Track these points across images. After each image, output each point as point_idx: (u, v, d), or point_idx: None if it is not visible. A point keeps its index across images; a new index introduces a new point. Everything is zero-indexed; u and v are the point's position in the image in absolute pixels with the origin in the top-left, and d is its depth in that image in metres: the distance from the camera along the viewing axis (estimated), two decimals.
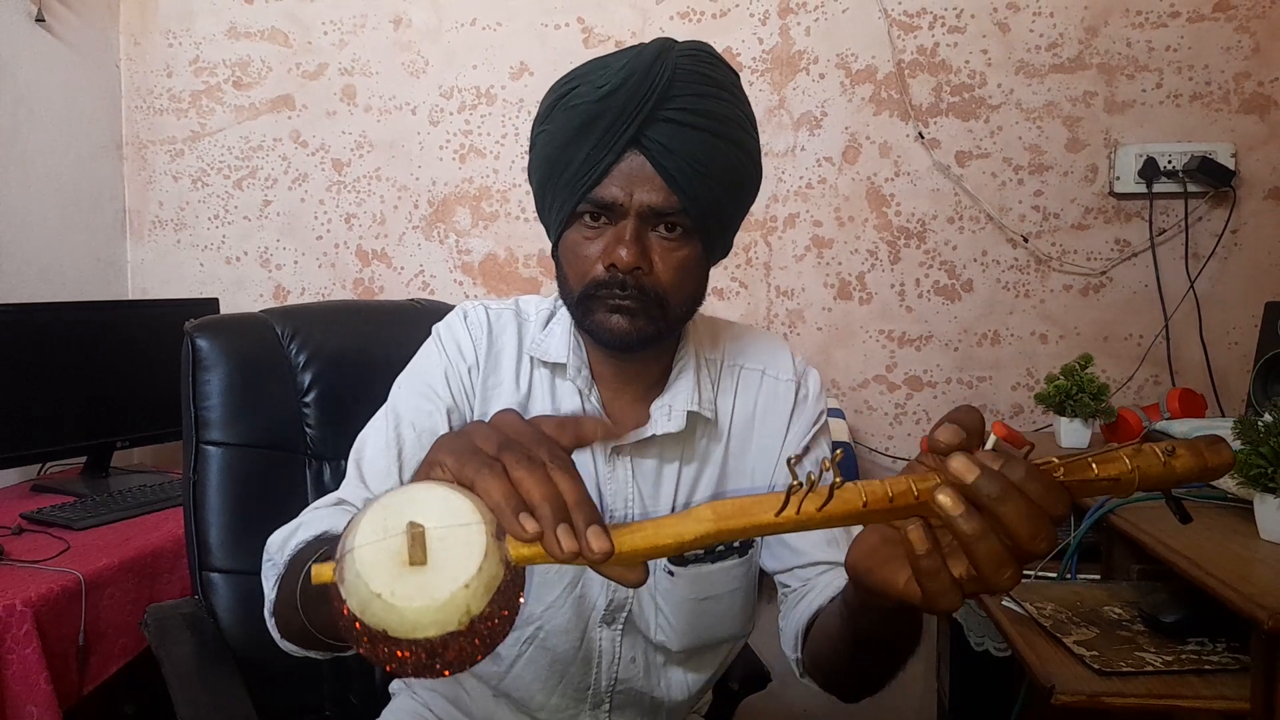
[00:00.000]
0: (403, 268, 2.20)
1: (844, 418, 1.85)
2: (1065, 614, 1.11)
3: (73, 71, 2.09)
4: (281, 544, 0.80)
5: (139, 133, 2.24)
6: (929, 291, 2.06)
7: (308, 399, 1.26)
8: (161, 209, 2.25)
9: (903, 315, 2.07)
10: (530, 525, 0.43)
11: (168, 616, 1.17)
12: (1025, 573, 1.28)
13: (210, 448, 1.21)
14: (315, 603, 0.63)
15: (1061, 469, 0.50)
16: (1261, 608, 0.86)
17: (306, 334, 1.29)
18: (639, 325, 0.82)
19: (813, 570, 0.90)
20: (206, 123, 2.22)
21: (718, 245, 0.88)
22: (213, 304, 2.10)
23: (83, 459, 1.89)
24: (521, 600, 0.44)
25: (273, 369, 1.25)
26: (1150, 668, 0.97)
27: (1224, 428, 1.30)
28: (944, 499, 0.47)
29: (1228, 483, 1.14)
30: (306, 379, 1.27)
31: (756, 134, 0.89)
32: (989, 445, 0.50)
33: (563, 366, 0.90)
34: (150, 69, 2.23)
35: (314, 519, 0.82)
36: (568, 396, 0.91)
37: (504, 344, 0.92)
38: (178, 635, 1.14)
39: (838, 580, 0.85)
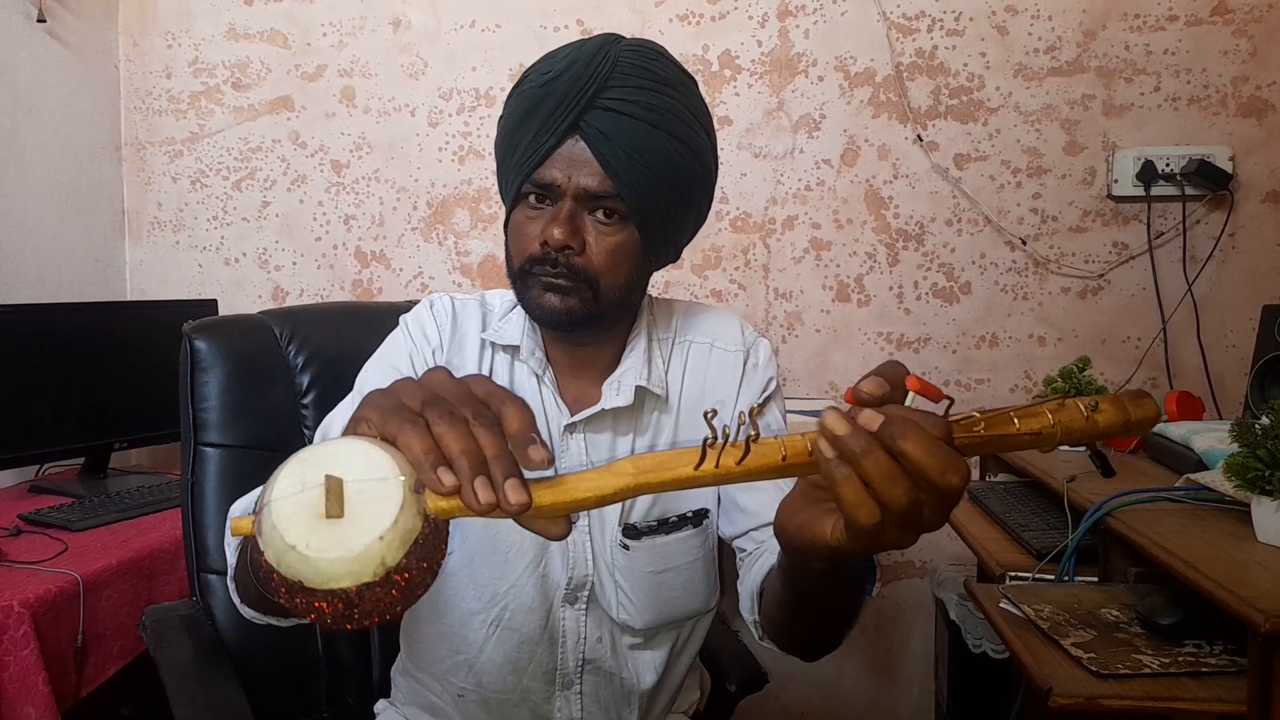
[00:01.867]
0: (401, 269, 2.20)
1: None
2: (1062, 616, 1.11)
3: (72, 72, 2.09)
4: (243, 511, 0.82)
5: (138, 134, 2.24)
6: (927, 294, 2.06)
7: (306, 400, 1.26)
8: (160, 210, 2.25)
9: (901, 317, 2.07)
10: (448, 478, 0.43)
11: (165, 618, 1.17)
12: (1023, 575, 1.29)
13: (208, 449, 1.21)
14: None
15: (982, 423, 0.50)
16: (1258, 610, 0.86)
17: (305, 335, 1.29)
18: (570, 304, 0.85)
19: (766, 531, 0.91)
20: (205, 124, 2.22)
21: (659, 239, 0.90)
22: (211, 305, 2.10)
23: (81, 460, 1.89)
24: (445, 553, 0.44)
25: (271, 370, 1.26)
26: (1147, 670, 0.98)
27: (1222, 430, 1.31)
28: (829, 419, 0.48)
29: (1225, 485, 1.14)
30: (305, 380, 1.27)
31: (707, 134, 0.91)
32: (908, 401, 0.51)
33: (517, 349, 0.93)
34: (149, 70, 2.23)
35: None
36: (524, 380, 0.94)
37: (468, 330, 0.95)
38: (175, 637, 1.14)
39: None
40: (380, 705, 1.11)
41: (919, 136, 2.03)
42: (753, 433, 0.49)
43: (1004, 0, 1.99)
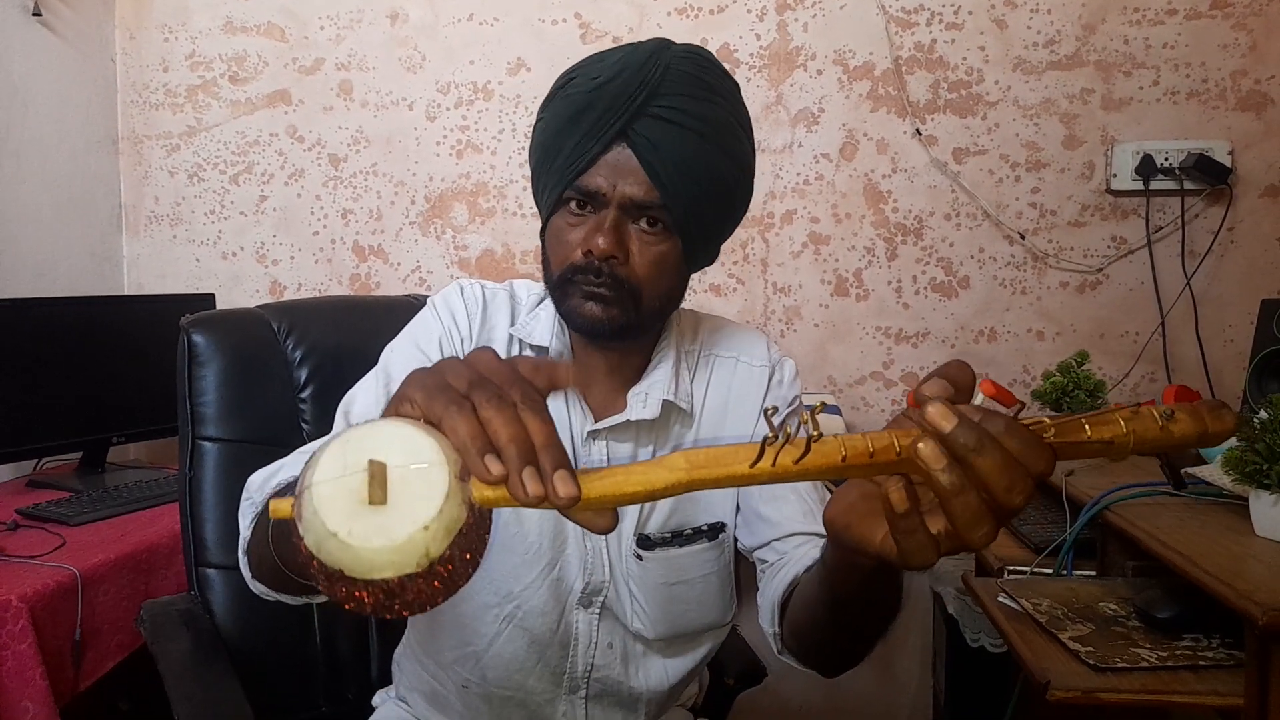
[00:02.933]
0: (399, 263, 2.20)
1: (840, 414, 1.85)
2: (1060, 610, 1.11)
3: (68, 66, 2.08)
4: (261, 483, 0.81)
5: (135, 127, 2.24)
6: (926, 288, 2.06)
7: (304, 395, 1.26)
8: (157, 204, 2.25)
9: (899, 312, 2.07)
10: (495, 467, 0.42)
11: (163, 613, 1.17)
12: (1021, 569, 1.29)
13: (206, 443, 1.20)
14: (286, 540, 0.63)
15: (1053, 429, 0.48)
16: (1256, 604, 0.86)
17: (303, 330, 1.28)
18: (611, 314, 0.84)
19: (790, 542, 0.90)
20: (203, 117, 2.22)
21: (700, 250, 0.89)
22: (209, 299, 2.09)
23: (78, 454, 1.89)
24: (488, 543, 0.43)
25: (269, 365, 1.25)
26: (1145, 664, 0.98)
27: None
28: (925, 449, 0.45)
29: (1223, 479, 1.14)
30: (302, 375, 1.27)
31: (752, 145, 0.89)
32: (976, 403, 0.49)
33: (545, 350, 0.92)
34: (146, 63, 2.22)
35: (296, 460, 0.82)
36: None
37: (497, 322, 0.94)
38: (173, 631, 1.14)
39: (815, 552, 0.84)
40: (379, 697, 1.10)
41: (918, 130, 2.02)
42: (814, 432, 0.46)
43: None
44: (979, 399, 0.49)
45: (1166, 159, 1.92)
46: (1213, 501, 1.20)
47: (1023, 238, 2.02)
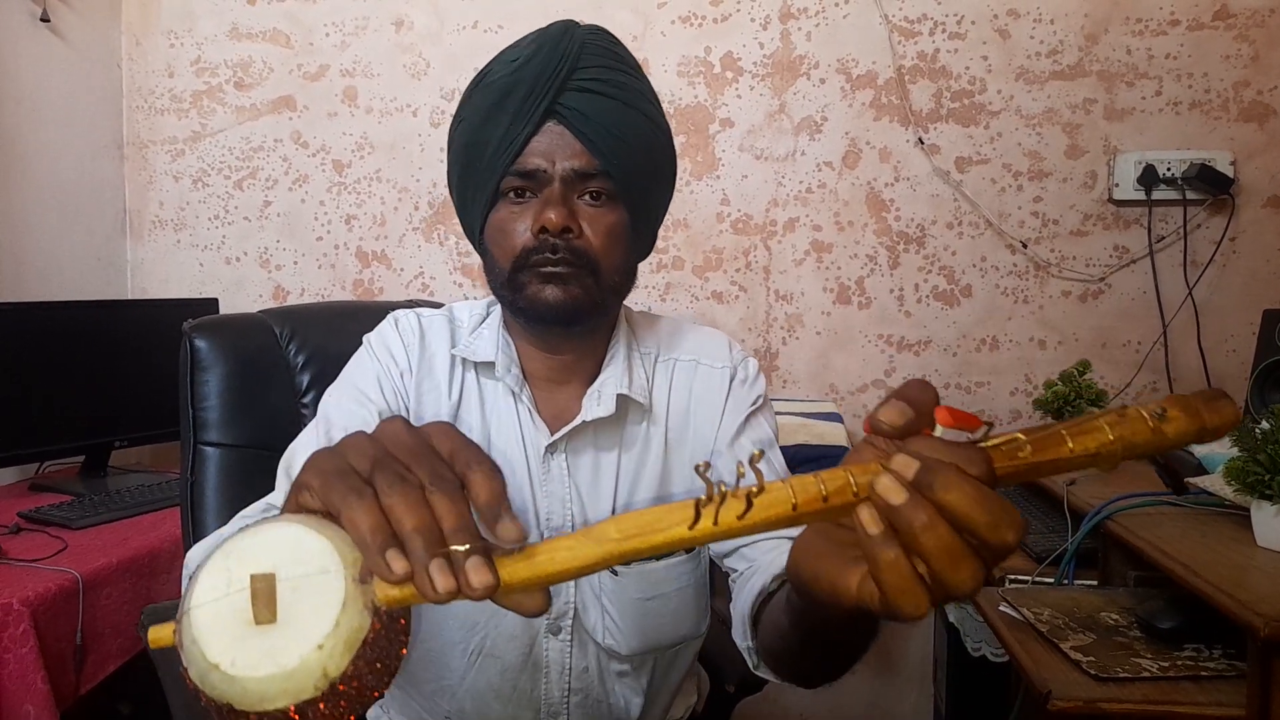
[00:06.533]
0: (402, 269, 2.20)
1: (842, 422, 1.85)
2: (1062, 620, 1.11)
3: (75, 71, 2.09)
4: (200, 559, 0.75)
5: (140, 133, 2.25)
6: (928, 297, 2.06)
7: (306, 400, 1.26)
8: (162, 209, 2.26)
9: (901, 320, 2.07)
10: (398, 564, 0.37)
11: (164, 617, 1.16)
12: (1022, 578, 1.29)
13: (208, 448, 1.20)
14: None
15: (1029, 446, 0.42)
16: (1258, 614, 0.86)
17: (305, 335, 1.29)
18: (573, 293, 0.81)
19: (758, 548, 0.86)
20: (207, 123, 2.23)
21: (641, 220, 0.87)
22: (212, 304, 2.10)
23: (81, 458, 1.89)
24: (404, 649, 0.38)
25: (271, 370, 1.25)
26: (1146, 674, 0.98)
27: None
28: (882, 484, 0.40)
29: (1225, 489, 1.14)
30: (305, 380, 1.27)
31: (664, 117, 0.89)
32: (936, 434, 0.43)
33: (491, 366, 0.89)
34: (152, 69, 2.23)
35: (236, 531, 0.78)
36: (500, 398, 0.90)
37: (436, 348, 0.91)
38: None
39: (782, 560, 0.76)
40: (374, 712, 1.09)
41: (920, 139, 2.03)
42: (755, 486, 0.41)
43: (1006, 3, 1.99)
44: (937, 430, 0.43)
45: (1169, 169, 1.93)
46: (1214, 512, 1.20)
47: (1025, 247, 2.02)
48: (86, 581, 1.36)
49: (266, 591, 0.36)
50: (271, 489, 0.88)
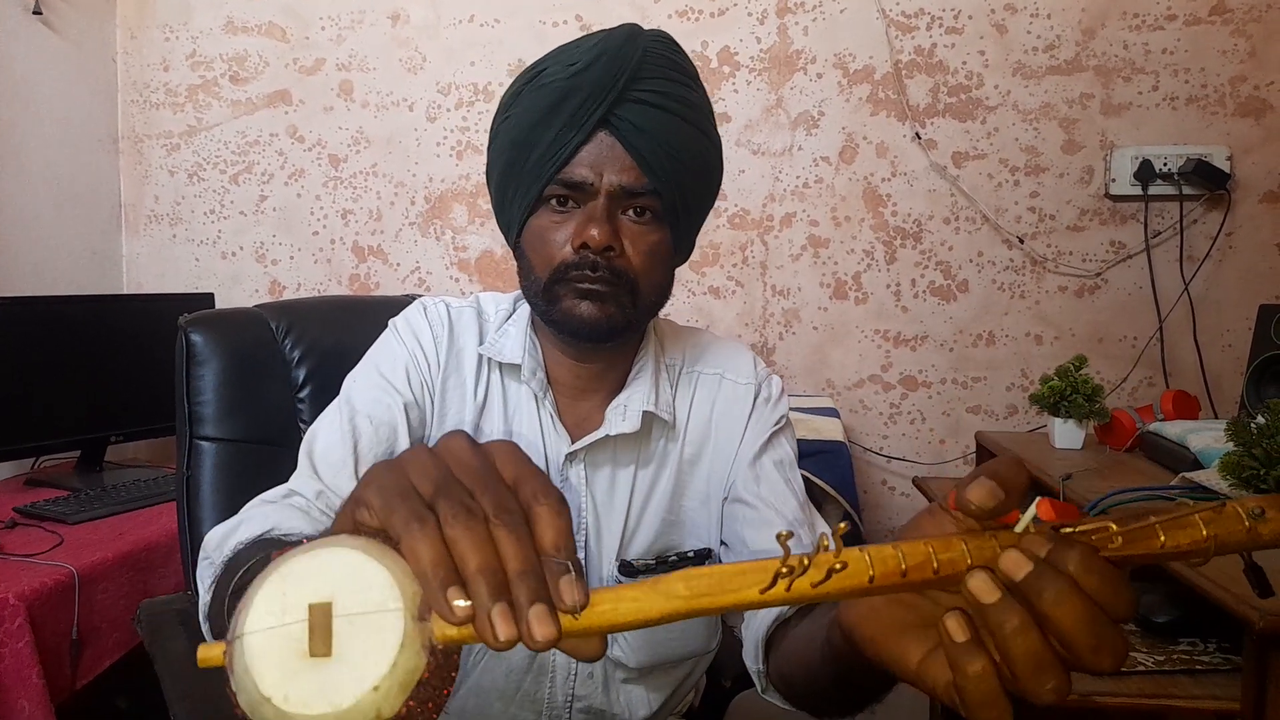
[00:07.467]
0: (399, 264, 2.20)
1: (839, 416, 1.85)
2: None
3: (69, 65, 2.08)
4: (219, 542, 0.73)
5: (135, 127, 2.24)
6: (924, 292, 2.06)
7: (302, 395, 1.26)
8: (157, 203, 2.25)
9: (898, 315, 2.07)
10: (460, 607, 0.35)
11: (161, 612, 1.16)
12: None
13: (204, 443, 1.20)
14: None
15: (1120, 537, 0.41)
16: (1253, 609, 0.86)
17: (301, 330, 1.28)
18: (609, 311, 0.79)
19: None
20: (203, 117, 2.22)
21: (683, 240, 0.86)
22: (208, 299, 2.09)
23: (77, 453, 1.89)
24: (449, 691, 0.37)
25: (267, 364, 1.25)
26: (1142, 668, 0.98)
27: (1217, 429, 1.31)
28: (975, 583, 0.39)
29: (1220, 484, 1.14)
30: (301, 375, 1.26)
31: (716, 130, 0.87)
32: (1020, 526, 0.41)
33: (516, 368, 0.87)
34: (147, 63, 2.22)
35: (257, 515, 0.75)
36: (523, 401, 0.89)
37: (465, 343, 0.89)
38: (170, 631, 1.13)
39: None
40: None
41: (917, 134, 2.02)
42: (836, 563, 0.40)
43: None
44: (1030, 514, 0.41)
45: (1165, 164, 1.93)
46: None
47: (1021, 242, 2.02)
48: (82, 576, 1.36)
49: (324, 624, 0.35)
50: (268, 483, 0.87)
